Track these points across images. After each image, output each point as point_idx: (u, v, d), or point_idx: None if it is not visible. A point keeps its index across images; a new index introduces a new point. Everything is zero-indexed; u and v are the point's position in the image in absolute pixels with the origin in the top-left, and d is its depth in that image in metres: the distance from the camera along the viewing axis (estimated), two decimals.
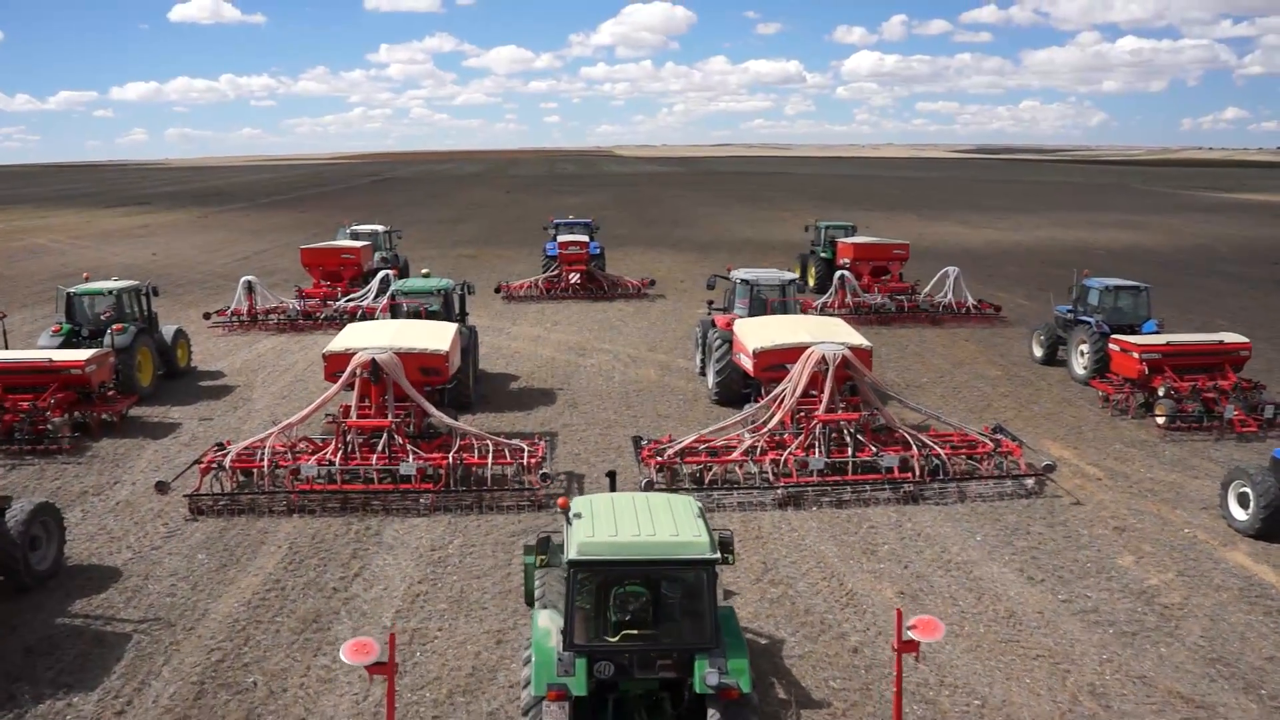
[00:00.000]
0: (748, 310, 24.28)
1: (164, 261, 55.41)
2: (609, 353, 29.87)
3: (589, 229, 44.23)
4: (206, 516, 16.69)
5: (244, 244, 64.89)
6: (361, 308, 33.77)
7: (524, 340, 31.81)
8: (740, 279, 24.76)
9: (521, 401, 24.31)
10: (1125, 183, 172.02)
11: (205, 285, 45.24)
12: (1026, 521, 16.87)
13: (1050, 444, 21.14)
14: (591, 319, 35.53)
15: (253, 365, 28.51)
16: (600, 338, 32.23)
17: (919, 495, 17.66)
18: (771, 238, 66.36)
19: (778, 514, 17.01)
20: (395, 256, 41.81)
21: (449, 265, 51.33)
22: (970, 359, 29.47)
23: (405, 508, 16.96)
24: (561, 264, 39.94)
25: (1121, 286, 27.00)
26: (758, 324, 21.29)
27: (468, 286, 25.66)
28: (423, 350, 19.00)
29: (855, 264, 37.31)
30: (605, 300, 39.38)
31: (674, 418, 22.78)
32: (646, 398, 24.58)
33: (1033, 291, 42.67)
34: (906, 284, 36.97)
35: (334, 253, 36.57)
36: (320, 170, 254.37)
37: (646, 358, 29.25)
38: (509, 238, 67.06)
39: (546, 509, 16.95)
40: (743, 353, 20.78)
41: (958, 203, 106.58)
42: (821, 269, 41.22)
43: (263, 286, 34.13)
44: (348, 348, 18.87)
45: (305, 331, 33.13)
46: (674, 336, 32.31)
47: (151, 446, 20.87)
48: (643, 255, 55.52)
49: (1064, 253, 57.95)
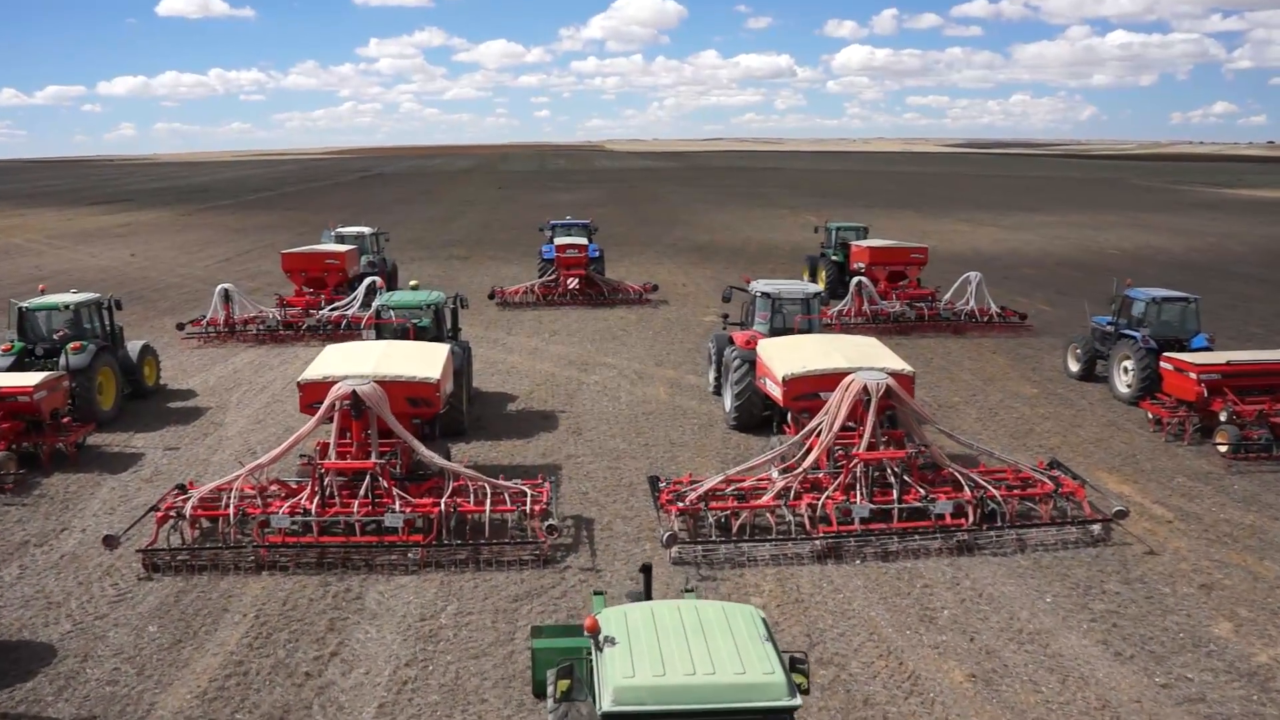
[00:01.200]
0: (769, 327, 22.14)
1: (142, 263, 53.09)
2: (613, 368, 27.74)
3: (587, 230, 42.01)
4: (163, 574, 14.54)
5: (227, 244, 62.54)
6: (347, 317, 31.60)
7: (521, 353, 29.66)
8: (760, 292, 22.56)
9: (520, 427, 22.16)
10: (1121, 178, 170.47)
11: (183, 290, 42.96)
12: (1099, 577, 14.82)
13: (1105, 476, 19.10)
14: (592, 328, 33.39)
15: (227, 383, 26.31)
16: (603, 350, 30.10)
17: (974, 545, 15.61)
18: (772, 237, 64.28)
19: (817, 569, 14.92)
20: (383, 260, 39.54)
21: (439, 268, 49.17)
22: (1001, 375, 27.43)
23: (391, 563, 14.83)
24: (559, 268, 37.77)
25: (1169, 298, 24.94)
26: (785, 345, 19.15)
27: (461, 300, 23.46)
28: (411, 379, 16.82)
29: (871, 269, 35.24)
30: (606, 307, 37.24)
31: (690, 446, 20.67)
32: (657, 421, 22.46)
33: (1053, 296, 40.72)
34: (927, 290, 34.91)
35: (317, 257, 34.27)
36: (308, 166, 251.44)
37: (654, 374, 27.13)
38: (502, 237, 64.85)
39: (554, 566, 14.84)
40: (768, 378, 18.67)
41: (957, 199, 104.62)
42: (833, 273, 39.19)
43: (240, 294, 31.87)
44: (326, 375, 16.68)
45: (286, 343, 30.92)
46: (682, 349, 30.18)
47: (108, 483, 18.67)
48: (640, 256, 53.37)
49: (1076, 253, 56.04)
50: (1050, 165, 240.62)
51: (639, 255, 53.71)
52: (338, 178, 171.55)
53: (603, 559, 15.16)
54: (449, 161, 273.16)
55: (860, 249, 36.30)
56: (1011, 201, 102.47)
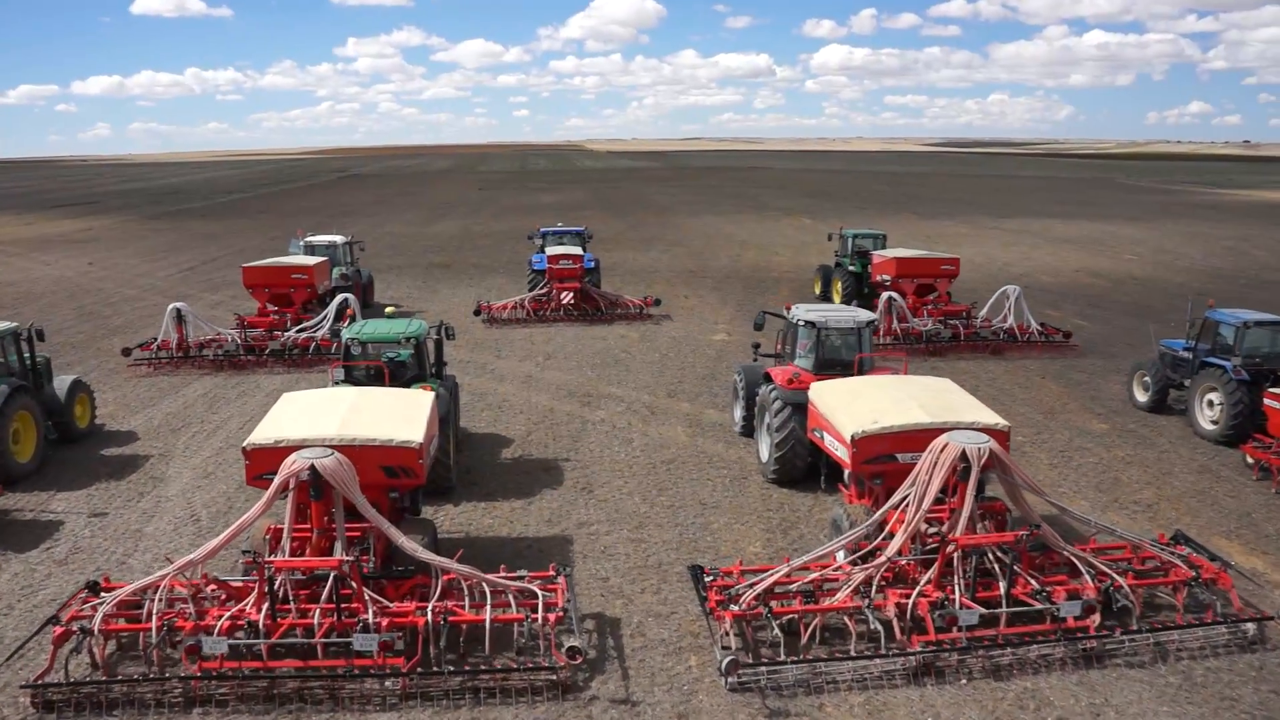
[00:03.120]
0: (812, 361, 18.75)
1: (99, 273, 49.24)
2: (619, 400, 24.32)
3: (582, 239, 38.54)
4: (58, 717, 11.02)
5: (193, 250, 58.69)
6: (316, 339, 28.04)
7: (513, 381, 26.20)
8: (802, 320, 19.07)
9: (518, 481, 18.70)
10: (1109, 178, 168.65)
11: (140, 304, 39.21)
12: (1272, 700, 11.56)
13: (1224, 544, 15.87)
14: (591, 349, 29.96)
15: (175, 421, 22.72)
16: (605, 377, 26.68)
17: (1102, 653, 12.32)
18: (772, 241, 61.00)
19: (914, 692, 11.58)
20: (358, 272, 35.96)
21: (419, 279, 45.62)
22: (1059, 405, 24.21)
23: (363, 694, 11.37)
24: (551, 281, 34.31)
25: (1262, 321, 21.73)
26: (845, 392, 15.73)
27: (446, 331, 19.86)
28: (387, 443, 13.28)
29: (897, 282, 32.02)
30: (604, 324, 33.81)
31: (724, 508, 17.28)
32: (681, 473, 19.05)
33: (1084, 309, 37.65)
34: (961, 305, 31.69)
35: (282, 271, 30.56)
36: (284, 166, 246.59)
37: (667, 408, 23.73)
38: (485, 241, 61.30)
39: (576, 695, 11.42)
40: (827, 432, 15.28)
41: (951, 200, 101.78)
42: (850, 285, 35.95)
43: (195, 314, 28.21)
44: (278, 440, 13.12)
45: (247, 370, 27.34)
46: (694, 375, 26.80)
47: (10, 567, 15.09)
48: (635, 264, 49.96)
49: (1092, 259, 53.03)
50: (1035, 165, 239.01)
51: (631, 263, 50.31)
52: (314, 178, 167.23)
53: (637, 682, 11.76)
54: (428, 162, 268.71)
55: (884, 260, 33.06)
56: (1008, 203, 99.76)
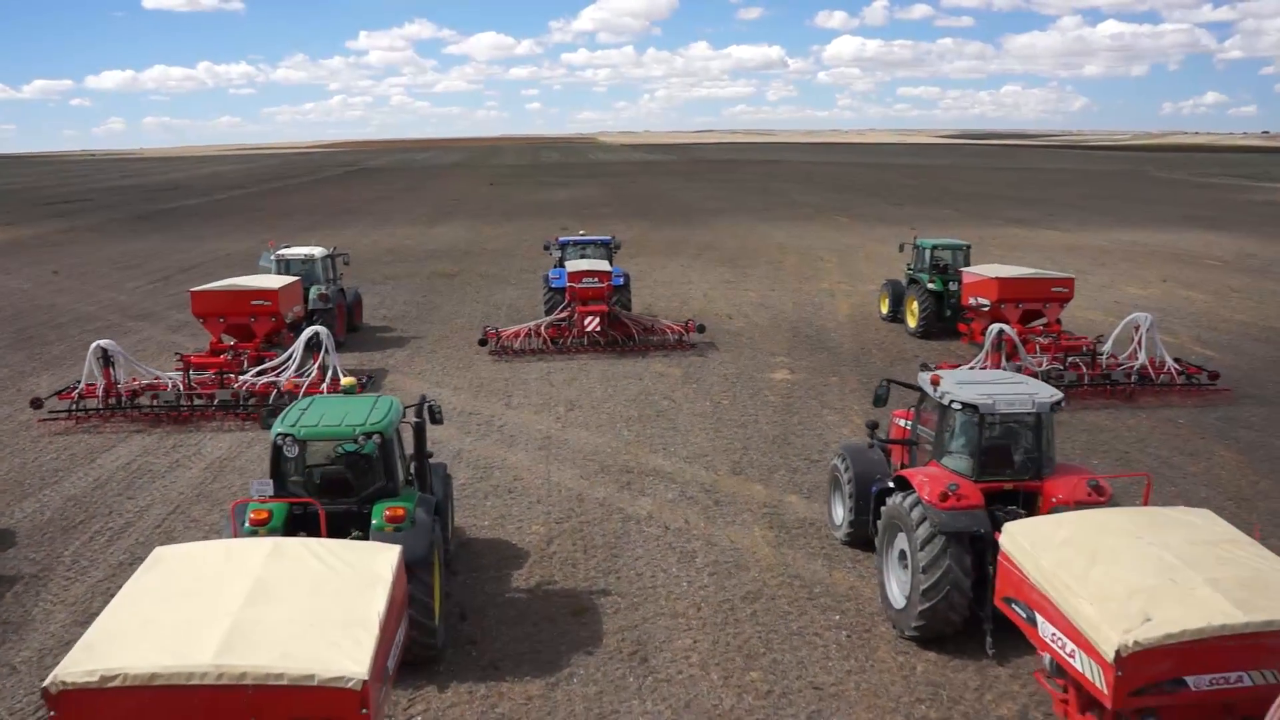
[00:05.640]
0: (971, 464, 12.62)
1: (61, 284, 43.66)
2: (670, 479, 18.36)
3: (608, 250, 32.43)
4: None
5: (175, 256, 53.04)
6: (278, 385, 22.23)
7: (527, 446, 20.30)
8: (957, 401, 12.57)
9: (533, 640, 12.70)
10: (1139, 170, 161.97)
11: (94, 324, 33.52)
12: None
13: None
14: (624, 394, 24.04)
15: (76, 510, 16.93)
16: (647, 438, 20.76)
17: None
18: (812, 244, 54.87)
19: None
20: (341, 291, 30.00)
21: (418, 290, 39.83)
22: (1248, 486, 18.14)
23: None
24: (574, 303, 28.39)
25: None
26: (1066, 543, 9.46)
27: (431, 411, 13.77)
28: (303, 680, 7.35)
29: (998, 307, 26.05)
30: (636, 356, 27.86)
31: (851, 699, 11.31)
32: (773, 621, 13.05)
33: (1200, 333, 31.45)
34: (1080, 338, 25.67)
35: (240, 297, 24.41)
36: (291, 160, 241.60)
37: (735, 492, 17.76)
38: (494, 244, 55.47)
39: None
40: (1046, 616, 9.23)
41: (990, 196, 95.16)
42: (928, 307, 29.91)
43: (125, 355, 22.28)
44: (106, 676, 7.26)
45: (189, 427, 21.55)
46: (763, 437, 20.81)
47: None
48: (661, 271, 43.98)
49: (1174, 267, 46.75)
50: (1057, 157, 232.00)
51: (659, 272, 44.34)
52: (320, 173, 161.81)
53: None
54: (438, 155, 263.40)
55: (980, 279, 27.02)
56: (1050, 197, 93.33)
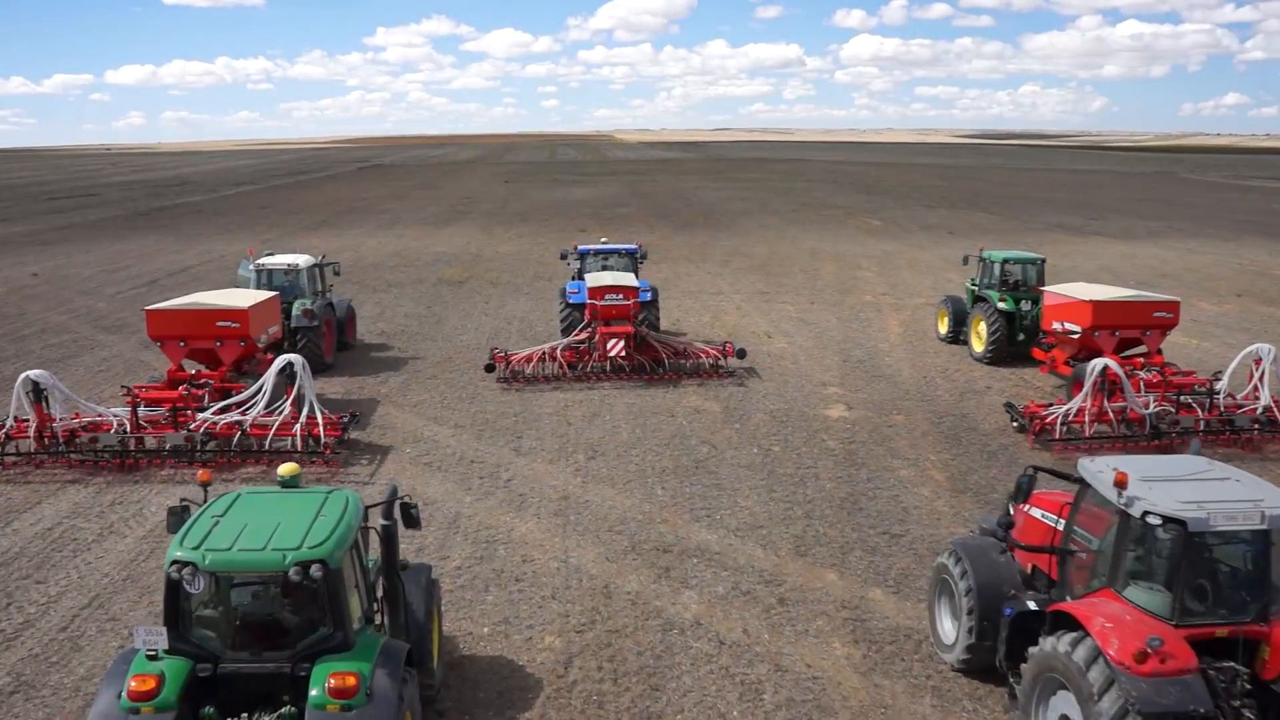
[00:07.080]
0: (1170, 602, 8.61)
1: (38, 288, 40.42)
2: (720, 565, 14.60)
3: (634, 260, 28.69)
4: None
5: (167, 256, 49.80)
6: (244, 426, 18.65)
7: (539, 510, 16.64)
8: (1155, 515, 8.61)
9: None
10: (1169, 171, 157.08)
11: (58, 339, 30.15)
12: None
13: None
14: (656, 437, 20.32)
15: None
16: (686, 499, 17.06)
17: None
18: (848, 250, 51.00)
19: None
20: (330, 306, 26.44)
21: (423, 298, 36.32)
22: None
23: None
24: (595, 323, 24.75)
25: None
26: None
27: (405, 511, 9.94)
28: None
29: (1091, 335, 22.25)
30: (667, 384, 24.20)
31: None
32: None
33: None
34: (1190, 373, 21.85)
35: (204, 318, 20.65)
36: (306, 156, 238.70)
37: (802, 584, 14.02)
38: (507, 248, 51.87)
39: None
40: None
41: (1024, 199, 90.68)
42: (998, 329, 26.15)
43: (61, 388, 18.71)
44: None
45: (135, 476, 18.01)
46: (828, 500, 17.05)
47: None
48: (690, 282, 40.24)
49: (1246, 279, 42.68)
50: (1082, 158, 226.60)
51: (685, 279, 40.67)
52: (333, 169, 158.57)
53: None
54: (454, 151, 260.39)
55: (1067, 301, 23.14)
56: (1088, 201, 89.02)
